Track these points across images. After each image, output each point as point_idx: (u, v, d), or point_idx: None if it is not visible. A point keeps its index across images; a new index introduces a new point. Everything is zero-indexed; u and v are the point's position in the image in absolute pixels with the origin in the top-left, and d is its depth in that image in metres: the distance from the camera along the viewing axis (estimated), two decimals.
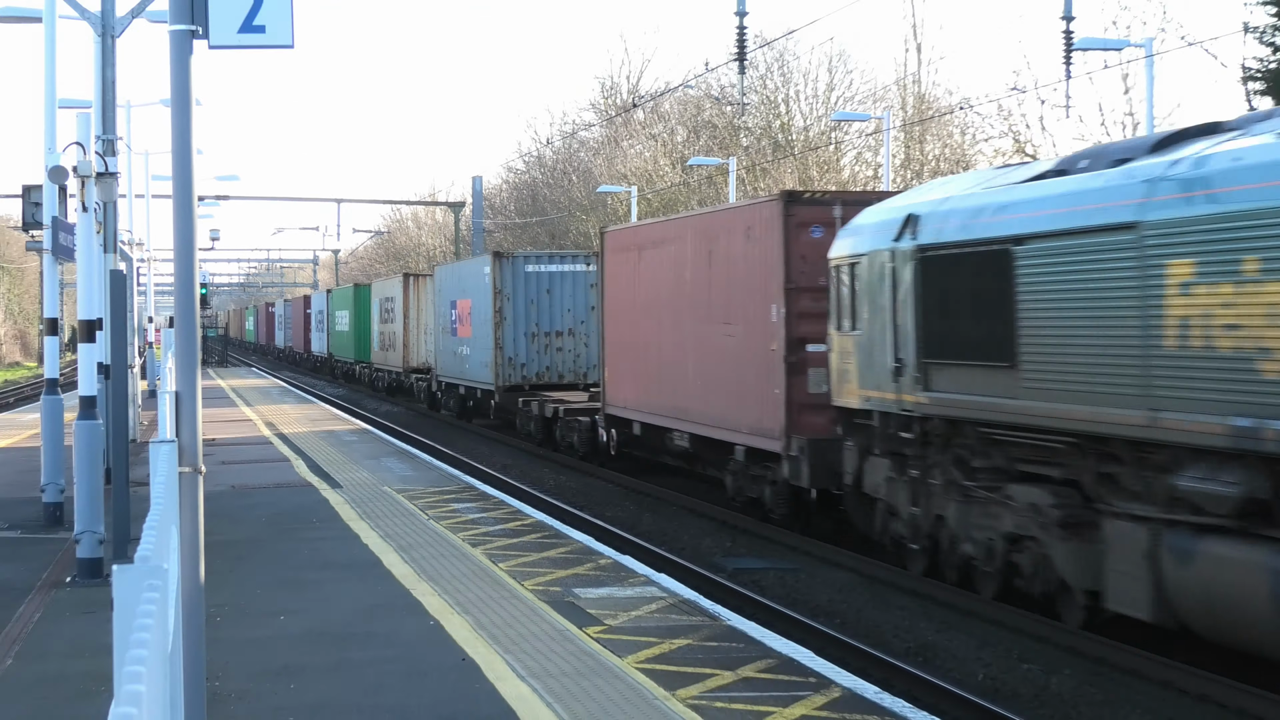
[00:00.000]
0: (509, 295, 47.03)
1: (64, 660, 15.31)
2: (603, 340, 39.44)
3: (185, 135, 10.11)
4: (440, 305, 58.34)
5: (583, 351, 46.29)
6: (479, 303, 50.05)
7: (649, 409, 35.02)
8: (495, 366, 47.10)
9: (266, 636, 16.37)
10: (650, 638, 16.07)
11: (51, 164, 23.09)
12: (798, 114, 69.87)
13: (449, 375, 57.00)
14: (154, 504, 9.41)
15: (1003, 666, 18.08)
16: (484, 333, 49.11)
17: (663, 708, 13.17)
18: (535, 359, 46.94)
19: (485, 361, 48.73)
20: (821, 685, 14.03)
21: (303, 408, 59.77)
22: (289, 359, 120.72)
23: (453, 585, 19.21)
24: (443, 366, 58.10)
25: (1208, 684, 16.67)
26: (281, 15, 10.03)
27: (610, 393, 38.29)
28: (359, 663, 15.10)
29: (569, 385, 46.21)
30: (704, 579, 22.57)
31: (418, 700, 13.64)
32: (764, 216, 28.19)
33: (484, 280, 48.49)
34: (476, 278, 50.62)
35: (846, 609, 21.45)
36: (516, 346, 46.85)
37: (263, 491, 29.79)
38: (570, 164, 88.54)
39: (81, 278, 21.95)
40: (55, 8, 23.33)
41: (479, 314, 50.06)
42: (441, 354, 58.18)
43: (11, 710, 13.50)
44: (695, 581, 21.65)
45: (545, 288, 47.40)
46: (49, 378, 25.57)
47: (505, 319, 46.80)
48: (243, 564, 20.69)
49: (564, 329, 47.15)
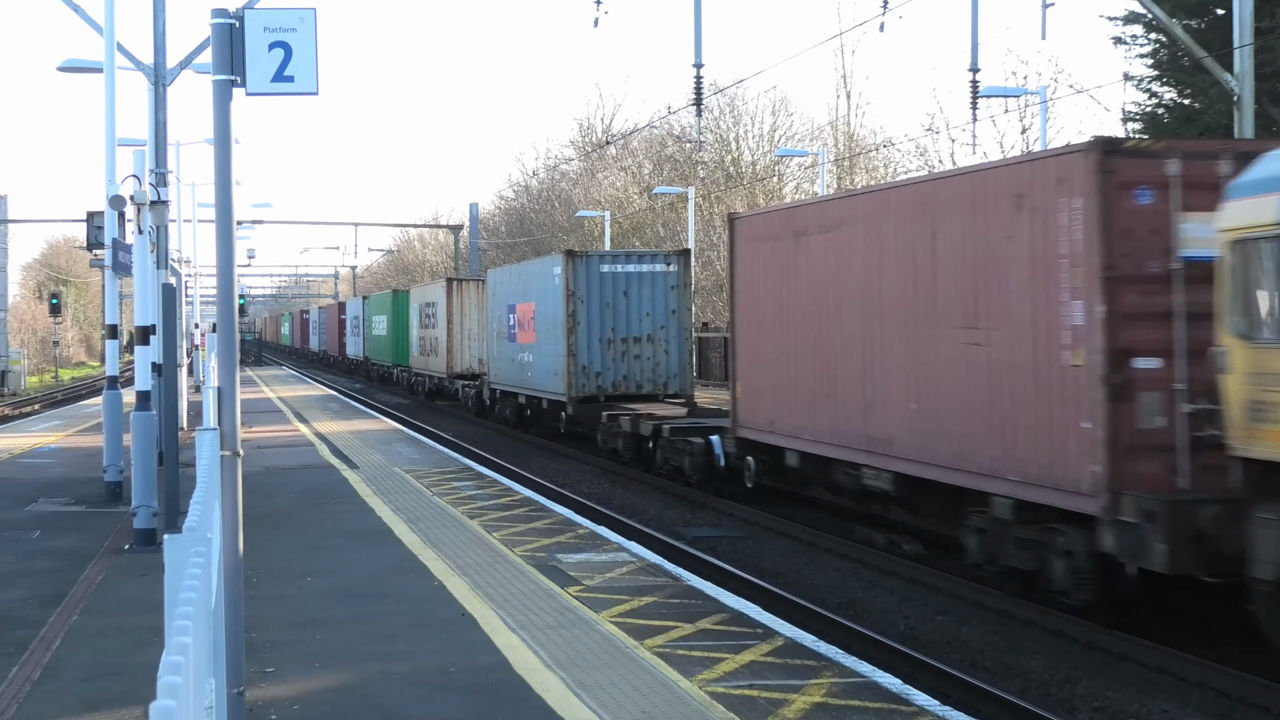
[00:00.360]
0: (582, 298, 36.76)
1: (122, 615, 15.05)
2: (733, 349, 28.22)
3: (226, 169, 9.92)
4: (495, 310, 47.23)
5: (662, 360, 36.87)
6: (545, 306, 39.53)
7: (813, 435, 23.99)
8: (567, 375, 36.85)
9: (295, 595, 16.13)
10: (622, 596, 15.82)
11: (112, 193, 23.12)
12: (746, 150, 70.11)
13: (506, 383, 45.80)
14: (199, 482, 9.45)
15: (920, 618, 18.01)
16: (551, 339, 38.96)
17: (632, 655, 12.97)
18: (611, 367, 36.88)
19: (554, 370, 38.24)
20: (767, 635, 13.86)
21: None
22: (323, 361, 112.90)
23: (453, 551, 18.92)
24: (497, 374, 47.06)
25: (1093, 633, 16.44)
26: (307, 67, 9.81)
27: (745, 412, 27.01)
28: (374, 616, 14.88)
29: (647, 396, 36.76)
30: (668, 546, 22.25)
31: (424, 648, 13.43)
32: (1055, 176, 17.26)
33: (553, 282, 38.35)
34: (543, 280, 40.07)
35: (789, 570, 21.25)
36: (591, 354, 36.78)
37: (291, 472, 29.39)
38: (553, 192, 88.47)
39: (137, 290, 21.88)
40: (114, 60, 23.15)
41: (545, 318, 39.70)
42: (496, 361, 47.02)
43: (79, 657, 13.22)
44: (660, 548, 21.34)
45: (622, 290, 37.20)
46: (109, 375, 25.52)
47: (579, 324, 36.65)
48: (275, 533, 20.38)
49: (642, 335, 36.90)
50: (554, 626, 14.23)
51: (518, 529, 20.86)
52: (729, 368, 27.75)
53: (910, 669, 14.59)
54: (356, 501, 24.27)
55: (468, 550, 18.95)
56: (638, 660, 12.77)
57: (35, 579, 17.21)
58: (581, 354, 36.52)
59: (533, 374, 40.96)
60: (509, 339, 44.16)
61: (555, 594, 15.89)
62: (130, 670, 12.36)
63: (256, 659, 12.53)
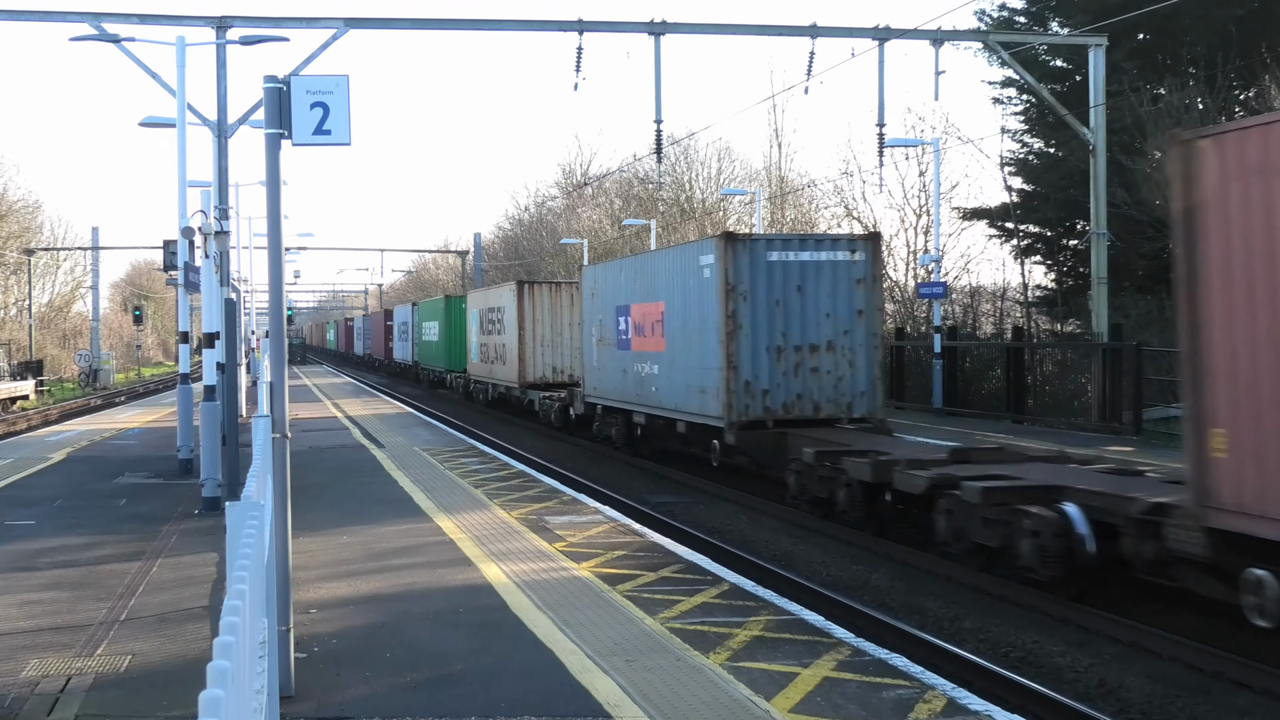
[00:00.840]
0: (745, 293, 24.18)
1: (193, 567, 14.96)
2: (1200, 365, 12.22)
3: (276, 206, 9.91)
4: (594, 312, 32.73)
5: (845, 373, 24.45)
6: (685, 306, 26.22)
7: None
8: (726, 394, 23.95)
9: (333, 549, 16.04)
10: (597, 550, 15.78)
11: (183, 225, 23.08)
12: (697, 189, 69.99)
13: (611, 398, 31.43)
14: (255, 459, 9.40)
15: (839, 567, 18.03)
16: (693, 346, 25.65)
17: (606, 597, 12.94)
18: (782, 384, 24.24)
19: (700, 386, 25.40)
20: (715, 581, 13.82)
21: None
22: (367, 364, 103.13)
23: (460, 514, 18.84)
24: (599, 386, 32.46)
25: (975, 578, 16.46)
26: (342, 123, 9.80)
27: (1240, 480, 11.66)
28: (396, 567, 14.81)
29: (826, 420, 24.20)
30: (635, 509, 22.19)
31: (437, 590, 13.38)
32: None
33: (700, 275, 25.47)
34: (681, 272, 26.57)
35: (732, 529, 21.25)
36: (757, 366, 24.16)
37: (331, 451, 29.22)
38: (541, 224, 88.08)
39: (205, 304, 21.91)
40: (185, 118, 23.11)
41: (684, 321, 26.26)
42: (597, 371, 32.47)
43: (157, 599, 13.13)
44: (629, 511, 21.28)
45: (795, 283, 24.38)
46: (182, 373, 25.50)
47: (740, 327, 24.13)
48: (317, 500, 20.28)
49: (820, 342, 24.37)
50: (542, 574, 14.13)
51: (513, 495, 20.80)
52: (1189, 398, 12.31)
53: (831, 608, 14.62)
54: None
55: (472, 513, 18.88)
56: (612, 602, 12.73)
57: (122, 538, 17.17)
58: (745, 367, 23.78)
59: (660, 389, 27.72)
60: (617, 346, 30.67)
61: (544, 549, 15.82)
62: (198, 612, 12.34)
63: (302, 602, 12.50)
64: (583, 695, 9.50)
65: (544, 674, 10.12)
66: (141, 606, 12.85)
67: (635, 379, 29.17)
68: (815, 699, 9.41)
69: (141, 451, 29.42)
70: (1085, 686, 12.33)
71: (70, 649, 11.10)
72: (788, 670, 10.18)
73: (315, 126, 9.76)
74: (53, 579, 14.37)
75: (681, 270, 26.04)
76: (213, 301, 22.53)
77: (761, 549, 19.42)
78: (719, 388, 23.86)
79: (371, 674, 10.22)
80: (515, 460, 27.25)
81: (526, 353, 41.68)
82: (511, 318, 42.62)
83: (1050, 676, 12.63)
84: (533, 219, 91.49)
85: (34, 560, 15.48)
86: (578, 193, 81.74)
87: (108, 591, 13.58)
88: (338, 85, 9.80)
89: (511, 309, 42.63)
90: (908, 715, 9.06)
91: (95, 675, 10.24)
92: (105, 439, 33.16)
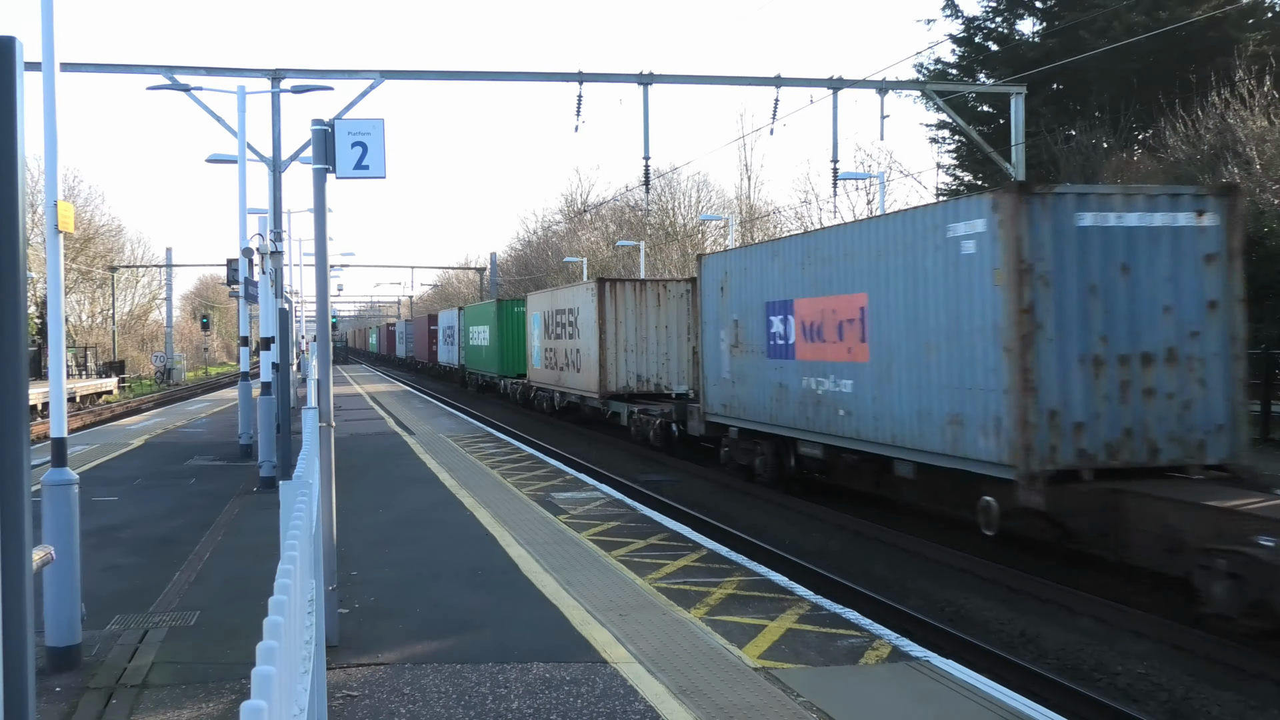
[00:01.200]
0: (1049, 278, 12.83)
1: (253, 536, 14.90)
2: None
3: (322, 229, 9.85)
4: (727, 311, 22.21)
5: (1196, 396, 13.15)
6: (905, 297, 15.66)
7: None
8: (1022, 429, 12.73)
9: (370, 522, 15.98)
10: (595, 521, 15.71)
11: (243, 246, 23.05)
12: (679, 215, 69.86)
13: (761, 422, 20.86)
14: (305, 445, 9.36)
15: (801, 536, 17.97)
16: (938, 353, 14.85)
17: (603, 560, 12.89)
18: (1106, 412, 12.68)
19: (957, 415, 14.35)
20: (696, 548, 13.75)
21: None
22: (409, 366, 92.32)
23: (480, 491, 18.78)
24: (735, 405, 22.05)
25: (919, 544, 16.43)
26: (378, 159, 9.75)
27: None
28: (424, 537, 14.74)
29: (1166, 469, 13.06)
30: (627, 487, 22.14)
31: (461, 558, 13.29)
32: None
33: (958, 249, 14.20)
34: (912, 248, 15.39)
35: (711, 503, 21.17)
36: (1067, 386, 12.74)
37: (369, 437, 29.16)
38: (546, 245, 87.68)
39: (262, 312, 21.88)
40: (244, 155, 23.19)
41: (904, 317, 15.66)
42: (733, 386, 22.00)
43: (221, 564, 13.12)
44: (622, 488, 21.24)
45: (1118, 260, 12.90)
46: (242, 371, 25.56)
47: (1042, 327, 12.82)
48: (357, 480, 20.23)
49: (1157, 350, 12.98)
50: (549, 542, 14.05)
51: (523, 475, 20.67)
52: None
53: (794, 570, 14.59)
54: None
55: (489, 491, 18.81)
56: (608, 565, 12.65)
57: (191, 512, 17.13)
58: (1049, 387, 12.98)
59: (856, 414, 17.35)
60: (766, 354, 20.45)
61: (550, 520, 15.75)
62: (256, 574, 12.29)
63: (344, 566, 12.41)
64: (583, 644, 9.48)
65: (550, 626, 10.10)
66: (209, 570, 12.82)
67: (803, 397, 19.06)
68: (780, 647, 9.39)
69: (208, 438, 29.36)
70: (1009, 637, 12.32)
71: (147, 606, 11.06)
72: (757, 623, 10.16)
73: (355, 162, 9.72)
74: (133, 546, 14.34)
75: (909, 247, 15.61)
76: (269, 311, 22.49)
77: (736, 520, 19.36)
78: (1000, 418, 13.53)
79: (404, 626, 10.19)
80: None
81: (608, 359, 31.79)
82: (589, 320, 32.59)
83: (980, 628, 12.62)
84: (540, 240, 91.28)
85: (117, 531, 15.44)
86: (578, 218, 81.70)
87: (179, 557, 13.55)
88: (374, 127, 9.78)
89: (589, 310, 32.57)
90: (859, 660, 9.05)
91: (168, 628, 10.21)
92: (177, 427, 33.08)
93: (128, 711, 8.01)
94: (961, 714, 7.78)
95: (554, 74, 26.88)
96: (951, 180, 45.15)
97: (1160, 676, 10.80)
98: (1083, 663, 11.39)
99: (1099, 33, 36.12)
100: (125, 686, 8.56)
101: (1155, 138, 34.47)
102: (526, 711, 7.81)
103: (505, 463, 22.86)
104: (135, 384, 76.08)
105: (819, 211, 55.01)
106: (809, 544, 17.33)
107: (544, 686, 8.36)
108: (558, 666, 8.84)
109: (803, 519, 19.33)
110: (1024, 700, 8.19)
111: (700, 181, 71.55)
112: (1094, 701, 9.87)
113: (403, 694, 8.26)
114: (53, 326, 9.07)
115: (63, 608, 9.02)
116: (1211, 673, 10.84)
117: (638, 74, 26.59)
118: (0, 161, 3.19)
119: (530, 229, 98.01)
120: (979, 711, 7.82)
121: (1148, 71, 36.59)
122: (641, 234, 66.78)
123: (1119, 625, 12.38)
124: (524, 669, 8.79)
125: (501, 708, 7.90)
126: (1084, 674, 11.09)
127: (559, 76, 26.76)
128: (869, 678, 8.64)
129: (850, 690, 8.28)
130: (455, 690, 8.32)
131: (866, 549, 16.89)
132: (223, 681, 8.61)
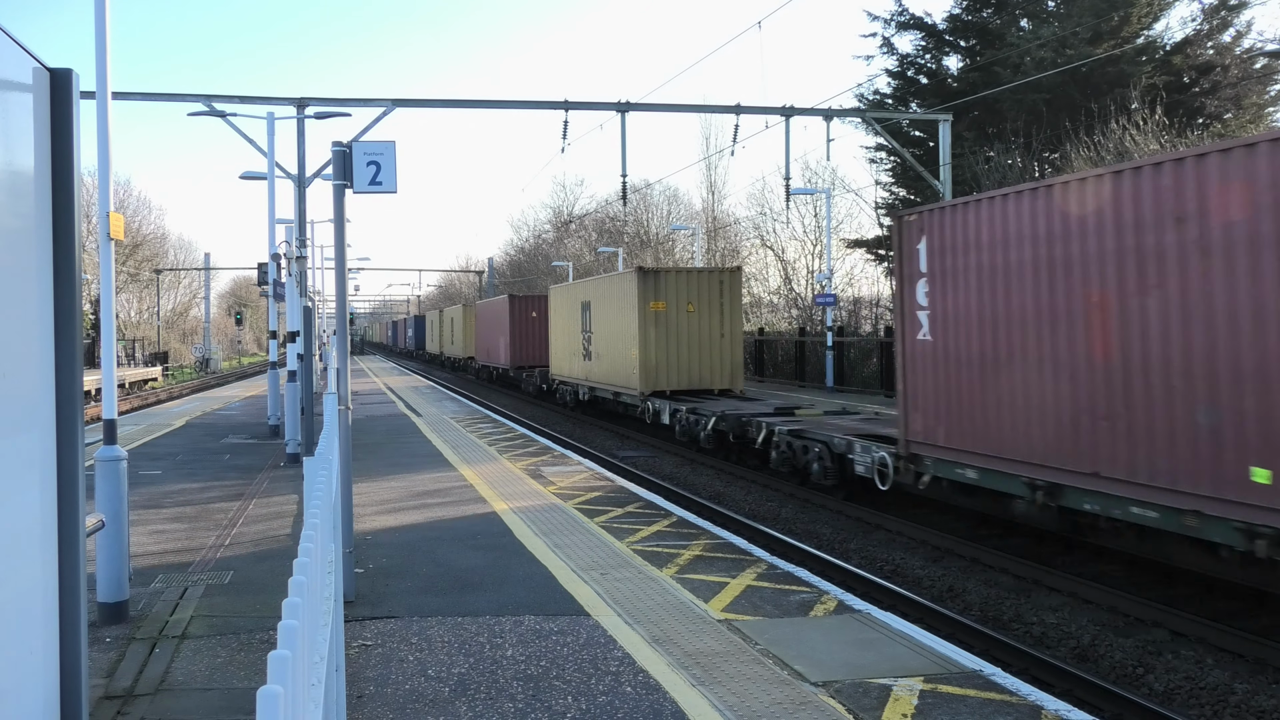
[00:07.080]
0: None
1: (280, 505, 14.77)
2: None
3: (341, 237, 9.75)
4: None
5: None
6: None
7: None
8: None
9: (383, 491, 15.85)
10: (579, 492, 15.63)
11: (272, 252, 22.95)
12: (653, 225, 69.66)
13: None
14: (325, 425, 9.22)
15: (758, 503, 18.00)
16: None
17: (587, 526, 12.82)
18: None
19: None
20: (667, 516, 13.69)
21: None
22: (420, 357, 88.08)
23: (477, 465, 18.69)
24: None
25: (859, 510, 16.42)
26: (390, 176, 9.66)
27: None
28: (429, 504, 14.66)
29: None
30: (607, 461, 22.12)
31: (460, 521, 13.21)
32: None
33: None
34: None
35: (679, 475, 21.18)
36: None
37: (382, 419, 28.99)
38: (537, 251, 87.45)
39: (289, 310, 21.65)
40: (273, 173, 22.97)
41: None
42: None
43: (252, 530, 12.97)
44: (602, 463, 21.21)
45: None
46: (271, 361, 25.21)
47: None
48: (371, 456, 20.11)
49: None
50: (539, 510, 14.02)
51: (516, 451, 20.63)
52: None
53: (752, 534, 14.60)
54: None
55: (486, 464, 18.68)
56: (590, 530, 12.60)
57: (226, 484, 16.98)
58: None
59: None
60: None
61: (540, 491, 15.66)
62: (283, 539, 12.19)
63: (359, 531, 12.40)
64: (568, 599, 9.44)
65: (540, 583, 10.05)
66: (241, 535, 12.70)
67: None
68: (741, 601, 9.37)
69: (241, 419, 29.13)
70: (939, 591, 12.35)
71: (187, 566, 10.95)
72: (720, 580, 10.13)
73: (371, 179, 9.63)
74: (174, 514, 14.20)
75: None
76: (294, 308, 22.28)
77: (701, 489, 19.38)
78: None
79: (411, 584, 10.12)
80: None
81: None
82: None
83: (913, 583, 12.64)
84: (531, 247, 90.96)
85: (161, 500, 15.29)
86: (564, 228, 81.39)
87: (215, 523, 13.43)
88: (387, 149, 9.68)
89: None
90: (809, 613, 9.04)
91: (206, 585, 10.11)
92: (214, 410, 32.81)
93: (169, 659, 7.93)
94: (897, 658, 7.78)
95: (543, 102, 26.76)
96: (888, 195, 45.19)
97: (1070, 625, 10.85)
98: (1002, 614, 11.42)
99: (1014, 68, 36.32)
100: (167, 637, 8.48)
101: (1062, 158, 34.61)
102: (519, 658, 7.77)
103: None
104: (177, 372, 75.46)
105: (773, 222, 55.02)
106: (765, 510, 17.34)
107: (534, 636, 8.31)
108: (547, 619, 8.80)
109: (758, 489, 19.29)
110: (952, 646, 8.21)
111: (671, 195, 71.28)
112: (1012, 648, 9.91)
113: (411, 643, 8.20)
114: (105, 322, 8.97)
115: (112, 568, 8.93)
116: (1115, 623, 10.89)
117: (616, 102, 26.50)
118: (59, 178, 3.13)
119: (523, 237, 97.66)
120: (912, 656, 7.83)
121: (1056, 101, 36.77)
122: (620, 241, 66.64)
123: (1033, 580, 12.43)
124: (517, 621, 8.74)
125: (497, 655, 7.86)
126: (1004, 623, 11.13)
127: (547, 105, 26.64)
128: (818, 627, 8.63)
129: (801, 638, 8.27)
130: (457, 639, 8.27)
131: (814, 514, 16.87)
132: (253, 633, 8.53)
